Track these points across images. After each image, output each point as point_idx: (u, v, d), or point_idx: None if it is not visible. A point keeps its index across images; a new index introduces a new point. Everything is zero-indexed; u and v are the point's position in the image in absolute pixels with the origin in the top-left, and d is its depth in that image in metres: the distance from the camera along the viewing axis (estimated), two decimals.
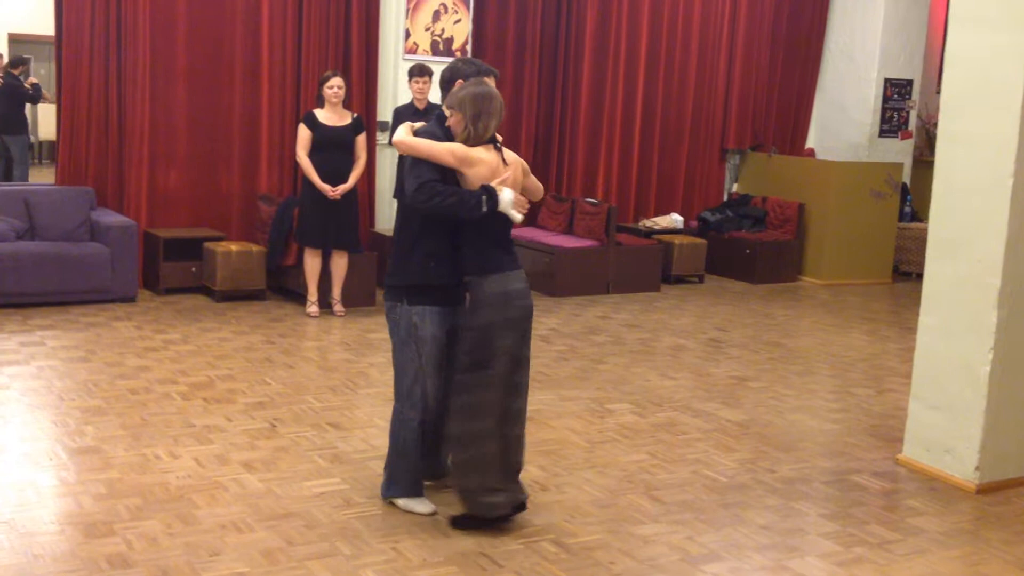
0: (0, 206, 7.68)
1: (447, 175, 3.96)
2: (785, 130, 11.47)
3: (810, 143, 11.65)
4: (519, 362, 4.02)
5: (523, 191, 4.18)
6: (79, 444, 4.77)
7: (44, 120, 13.07)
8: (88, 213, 7.87)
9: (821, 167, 10.70)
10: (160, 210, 8.39)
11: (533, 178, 4.29)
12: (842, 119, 11.37)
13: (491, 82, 4.16)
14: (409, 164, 4.01)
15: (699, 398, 6.13)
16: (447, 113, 4.05)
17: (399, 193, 4.79)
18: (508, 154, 4.08)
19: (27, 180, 11.04)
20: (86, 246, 7.66)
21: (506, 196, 3.93)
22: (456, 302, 4.12)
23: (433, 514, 4.16)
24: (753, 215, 10.60)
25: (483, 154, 3.96)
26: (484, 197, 3.88)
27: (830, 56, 11.47)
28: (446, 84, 4.23)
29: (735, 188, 11.29)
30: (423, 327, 4.06)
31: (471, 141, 3.96)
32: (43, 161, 14.39)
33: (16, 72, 11.37)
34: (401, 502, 4.22)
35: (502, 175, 3.98)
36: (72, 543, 3.75)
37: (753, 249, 10.22)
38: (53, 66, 8.73)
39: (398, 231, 4.16)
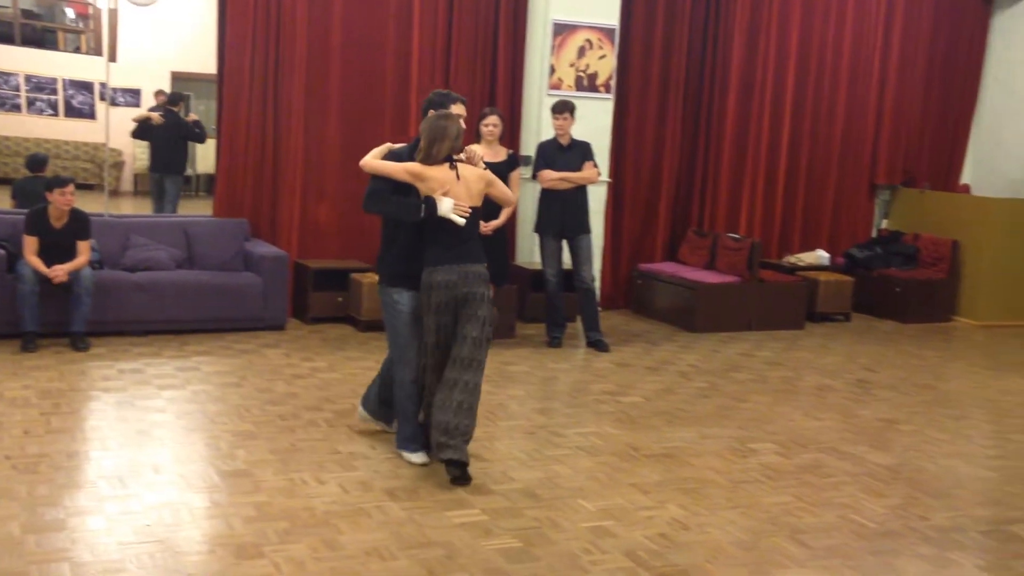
0: (162, 236, 8.09)
1: (406, 187, 4.88)
2: (939, 165, 11.09)
3: (965, 179, 11.22)
4: (457, 339, 4.84)
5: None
6: (230, 467, 4.93)
7: (202, 154, 13.66)
8: (243, 244, 8.20)
9: (978, 204, 10.29)
10: (310, 242, 8.67)
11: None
12: (1000, 154, 10.92)
13: (458, 107, 5.10)
14: (370, 179, 4.96)
15: (846, 440, 5.93)
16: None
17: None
18: (465, 169, 4.95)
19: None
20: (240, 276, 7.96)
21: (444, 205, 4.78)
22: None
23: (425, 464, 5.05)
24: (904, 252, 10.26)
25: (435, 171, 4.84)
26: (423, 205, 4.80)
27: (987, 89, 11.05)
28: (424, 113, 5.09)
29: (884, 224, 10.95)
30: (401, 303, 5.03)
31: (427, 161, 4.85)
32: (200, 193, 14.99)
33: (176, 109, 10.89)
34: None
35: (453, 189, 4.85)
36: (223, 564, 3.87)
37: (904, 288, 9.89)
38: (214, 103, 9.14)
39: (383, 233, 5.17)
